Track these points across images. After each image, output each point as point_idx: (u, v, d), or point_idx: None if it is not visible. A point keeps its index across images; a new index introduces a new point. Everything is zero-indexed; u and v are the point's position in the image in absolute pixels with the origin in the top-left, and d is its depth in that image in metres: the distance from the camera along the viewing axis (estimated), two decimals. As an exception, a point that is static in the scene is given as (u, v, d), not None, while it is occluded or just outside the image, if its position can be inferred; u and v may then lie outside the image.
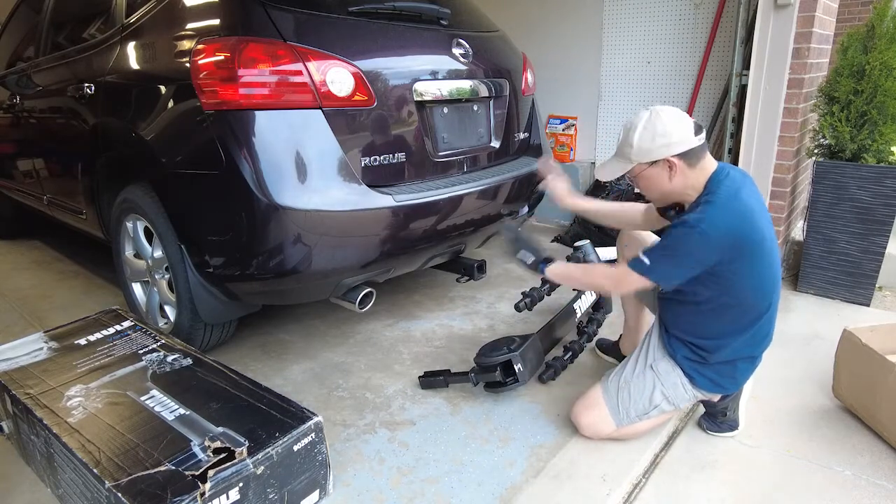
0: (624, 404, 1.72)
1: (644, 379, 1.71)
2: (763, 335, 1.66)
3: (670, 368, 1.69)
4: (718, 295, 1.56)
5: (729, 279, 1.52)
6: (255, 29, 1.79)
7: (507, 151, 2.52)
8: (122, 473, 1.31)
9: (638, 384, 1.71)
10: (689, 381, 1.68)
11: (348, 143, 1.88)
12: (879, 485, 1.61)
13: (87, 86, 2.37)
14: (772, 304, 1.62)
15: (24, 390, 1.66)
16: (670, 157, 1.49)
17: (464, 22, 2.40)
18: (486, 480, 1.64)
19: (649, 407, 1.70)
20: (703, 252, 1.46)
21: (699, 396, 1.73)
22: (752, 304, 1.59)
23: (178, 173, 1.96)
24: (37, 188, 3.22)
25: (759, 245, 1.51)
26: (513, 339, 1.98)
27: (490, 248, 3.49)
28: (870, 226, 2.65)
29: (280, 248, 1.82)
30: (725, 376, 1.68)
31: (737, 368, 1.68)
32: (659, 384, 1.69)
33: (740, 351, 1.65)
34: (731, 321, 1.61)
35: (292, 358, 2.35)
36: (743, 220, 1.48)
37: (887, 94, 2.54)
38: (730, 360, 1.66)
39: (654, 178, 1.55)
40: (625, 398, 1.71)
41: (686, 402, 1.73)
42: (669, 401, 1.71)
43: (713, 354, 1.64)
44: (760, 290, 1.58)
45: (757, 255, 1.51)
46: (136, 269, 2.43)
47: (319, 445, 1.52)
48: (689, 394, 1.70)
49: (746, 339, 1.63)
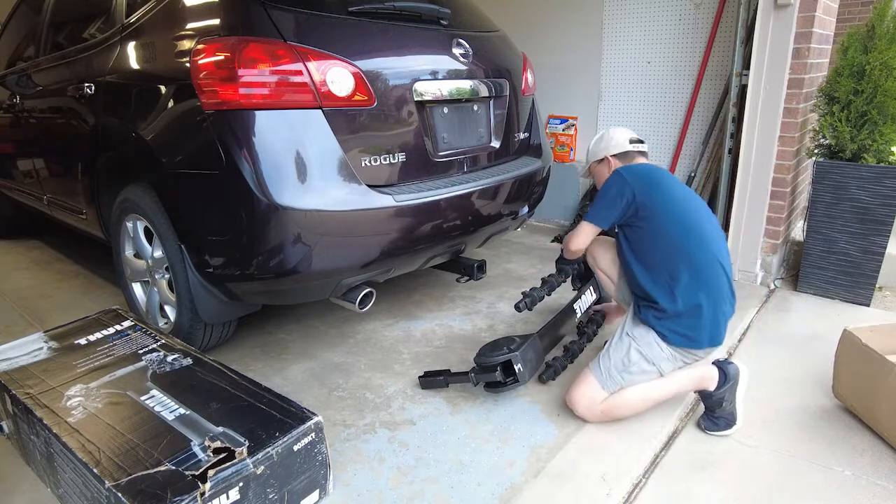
0: (605, 365, 1.85)
1: (621, 342, 1.86)
2: (709, 282, 1.77)
3: (644, 332, 1.83)
4: (648, 234, 1.84)
5: (650, 210, 1.82)
6: (255, 29, 1.79)
7: (508, 151, 2.52)
8: (122, 473, 1.31)
9: (616, 347, 1.86)
10: (663, 339, 1.80)
11: (348, 143, 1.88)
12: (879, 485, 1.61)
13: (87, 86, 2.37)
14: (703, 247, 1.80)
15: (25, 390, 1.66)
16: (608, 155, 2.06)
17: (464, 22, 2.40)
18: (486, 480, 1.64)
19: (628, 363, 1.82)
20: (621, 187, 1.85)
21: (677, 356, 1.82)
22: (678, 242, 1.79)
23: (178, 173, 1.96)
24: (37, 188, 3.22)
25: (667, 186, 1.88)
26: (513, 339, 1.98)
27: (490, 248, 3.49)
28: (869, 226, 2.65)
29: (280, 248, 1.82)
30: (691, 328, 1.78)
31: (699, 318, 1.77)
32: (634, 343, 1.83)
33: (690, 298, 1.76)
34: (667, 265, 1.79)
35: (292, 358, 2.35)
36: (650, 168, 1.95)
37: (887, 94, 2.54)
38: (687, 310, 1.77)
39: (599, 172, 2.13)
40: (605, 361, 1.86)
41: (666, 361, 1.82)
42: (647, 359, 1.81)
43: (668, 304, 1.78)
44: (682, 224, 1.81)
45: (667, 192, 1.86)
46: (136, 268, 2.43)
47: (319, 445, 1.52)
48: (666, 352, 1.80)
49: (690, 284, 1.76)
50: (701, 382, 1.83)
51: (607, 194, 1.88)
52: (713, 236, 1.84)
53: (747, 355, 2.33)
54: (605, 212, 1.90)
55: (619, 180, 1.87)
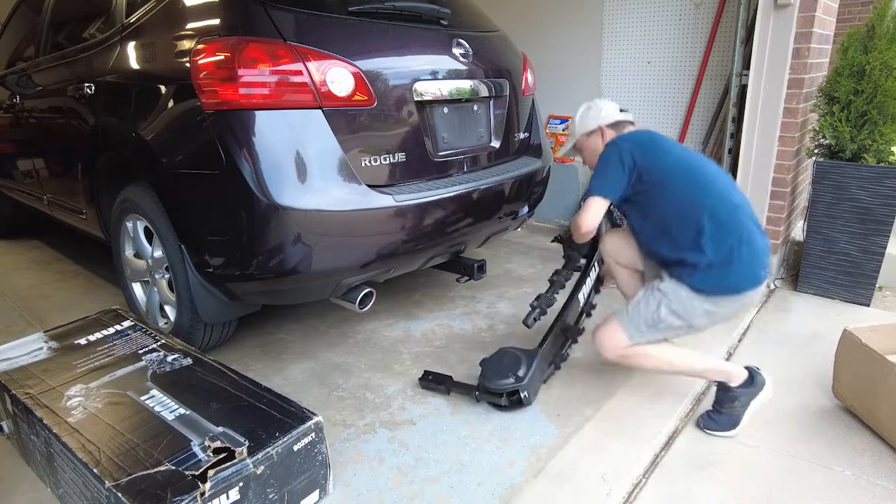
0: (633, 318, 1.81)
1: (651, 297, 1.80)
2: (732, 223, 1.72)
3: (676, 287, 1.77)
4: (658, 197, 1.79)
5: (654, 173, 1.78)
6: (255, 29, 1.79)
7: (507, 151, 2.52)
8: (122, 473, 1.31)
9: (646, 303, 1.80)
10: (699, 292, 1.73)
11: (348, 142, 1.88)
12: (879, 485, 1.61)
13: (87, 86, 2.37)
14: (716, 192, 1.75)
15: (25, 390, 1.66)
16: (601, 125, 1.99)
17: (464, 22, 2.40)
18: (486, 480, 1.64)
19: (657, 320, 1.77)
20: (620, 155, 1.81)
21: (717, 309, 1.75)
22: (690, 194, 1.75)
23: (178, 173, 1.96)
24: (37, 188, 3.22)
25: (663, 145, 1.85)
26: (517, 358, 1.94)
27: (490, 248, 3.49)
28: (870, 226, 2.65)
29: (280, 248, 1.82)
30: (728, 274, 1.71)
31: (733, 262, 1.70)
32: (665, 300, 1.77)
33: (720, 245, 1.70)
34: (686, 221, 1.74)
35: (292, 358, 2.35)
36: (641, 132, 1.92)
37: (887, 94, 2.54)
38: (720, 258, 1.70)
39: (591, 145, 2.03)
40: (634, 314, 1.81)
41: (699, 318, 1.76)
42: (678, 315, 1.76)
43: (699, 258, 1.71)
44: (688, 177, 1.78)
45: (665, 150, 1.83)
46: (136, 268, 2.43)
47: (319, 445, 1.52)
48: (700, 308, 1.74)
49: (715, 232, 1.70)
50: (727, 376, 1.82)
51: (609, 164, 1.84)
52: (721, 179, 1.81)
53: (747, 355, 2.33)
54: (611, 182, 1.83)
55: (617, 149, 1.84)
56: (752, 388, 1.81)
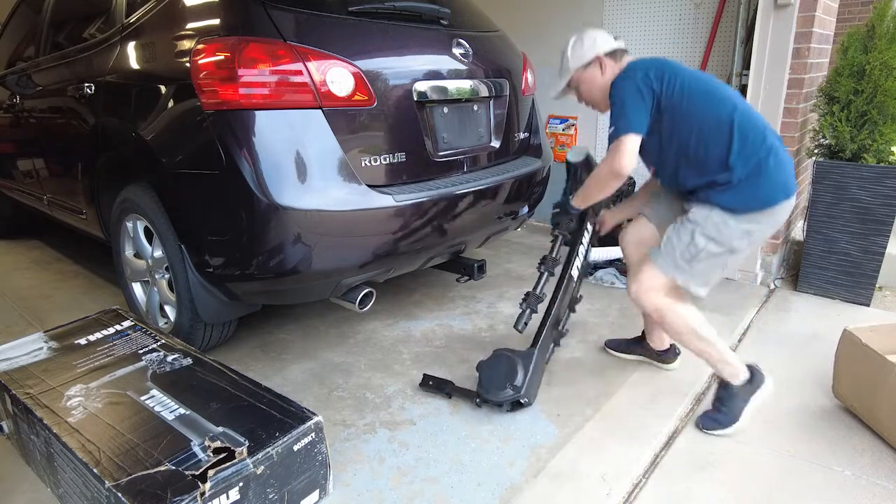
0: (669, 255, 1.76)
1: (683, 229, 1.75)
2: (756, 136, 1.67)
3: (707, 212, 1.71)
4: (679, 121, 1.70)
5: (673, 97, 1.70)
6: (255, 29, 1.79)
7: (508, 151, 2.52)
8: (122, 473, 1.31)
9: (679, 236, 1.76)
10: (732, 213, 1.69)
11: (348, 142, 1.88)
12: (879, 485, 1.61)
13: (87, 86, 2.37)
14: (735, 106, 1.69)
15: (25, 390, 1.66)
16: (599, 54, 1.83)
17: (464, 22, 2.40)
18: (486, 480, 1.64)
19: (695, 251, 1.72)
20: (637, 86, 1.70)
21: (753, 227, 1.70)
22: (713, 112, 1.69)
23: (178, 173, 1.96)
24: (37, 188, 3.22)
25: (675, 66, 1.75)
26: (513, 363, 1.90)
27: (490, 248, 3.49)
28: (870, 226, 2.65)
29: (280, 248, 1.82)
30: (760, 186, 1.67)
31: (762, 173, 1.66)
32: (698, 228, 1.71)
33: (748, 159, 1.65)
34: (711, 139, 1.68)
35: (292, 358, 2.35)
36: (651, 58, 1.80)
37: (887, 94, 2.54)
38: (748, 172, 1.66)
39: (590, 78, 1.87)
40: (669, 250, 1.77)
41: (738, 239, 1.71)
42: (716, 241, 1.70)
43: (728, 176, 1.67)
44: (707, 95, 1.71)
45: (678, 71, 1.73)
46: (136, 268, 2.43)
47: (319, 445, 1.52)
48: (736, 228, 1.69)
49: (741, 147, 1.66)
50: (733, 370, 1.81)
51: (628, 96, 1.71)
52: (737, 95, 1.76)
53: (747, 355, 2.32)
54: (638, 115, 1.70)
55: (631, 80, 1.72)
56: (752, 384, 1.82)
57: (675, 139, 1.73)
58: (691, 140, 1.70)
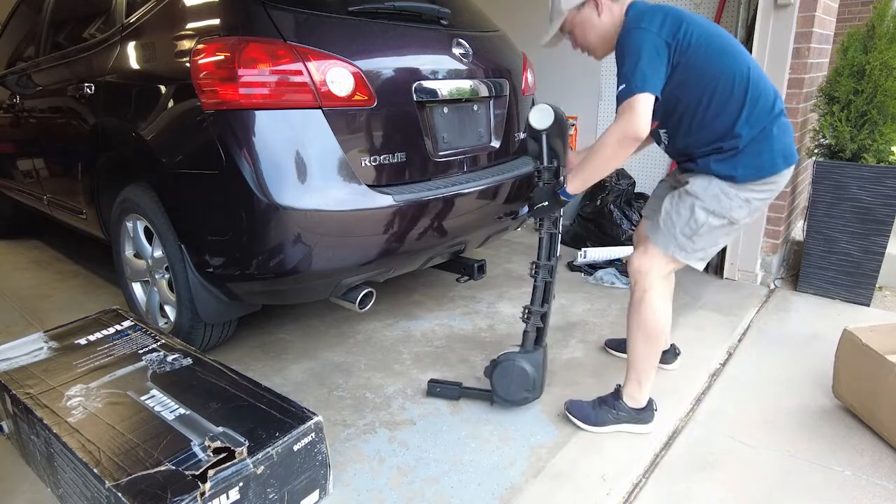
0: (668, 230, 1.70)
1: (682, 203, 1.68)
2: (764, 100, 1.60)
3: (705, 184, 1.64)
4: (692, 75, 1.58)
5: (688, 50, 1.56)
6: (255, 29, 1.79)
7: (507, 151, 2.52)
8: (122, 473, 1.31)
9: (677, 211, 1.69)
10: (732, 181, 1.62)
11: (348, 142, 1.88)
12: (879, 485, 1.61)
13: (87, 85, 2.37)
14: (749, 67, 1.60)
15: (25, 390, 1.66)
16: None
17: (464, 22, 2.40)
18: (486, 480, 1.64)
19: (696, 226, 1.66)
20: (654, 38, 1.54)
21: (753, 196, 1.64)
22: (729, 72, 1.58)
23: (178, 173, 1.96)
24: (37, 188, 3.22)
25: (689, 15, 1.60)
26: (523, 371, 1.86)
27: (490, 248, 3.49)
28: (870, 226, 2.65)
29: (280, 248, 1.82)
30: (762, 153, 1.60)
31: (767, 139, 1.60)
32: (698, 202, 1.65)
33: (756, 123, 1.59)
34: (723, 97, 1.59)
35: (292, 358, 2.35)
36: (663, 4, 1.62)
37: (887, 94, 2.54)
38: (753, 138, 1.59)
39: (586, 20, 1.72)
40: (667, 226, 1.70)
41: (738, 209, 1.64)
42: (716, 214, 1.65)
43: (732, 141, 1.60)
44: (727, 53, 1.60)
45: (692, 20, 1.59)
46: (136, 268, 2.43)
47: (319, 445, 1.52)
48: (736, 198, 1.63)
49: (751, 109, 1.58)
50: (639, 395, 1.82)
51: (645, 50, 1.52)
52: (747, 53, 1.65)
53: (747, 355, 2.33)
54: (654, 72, 1.52)
55: (645, 32, 1.54)
56: (637, 414, 1.82)
57: (685, 98, 1.61)
58: (702, 101, 1.59)
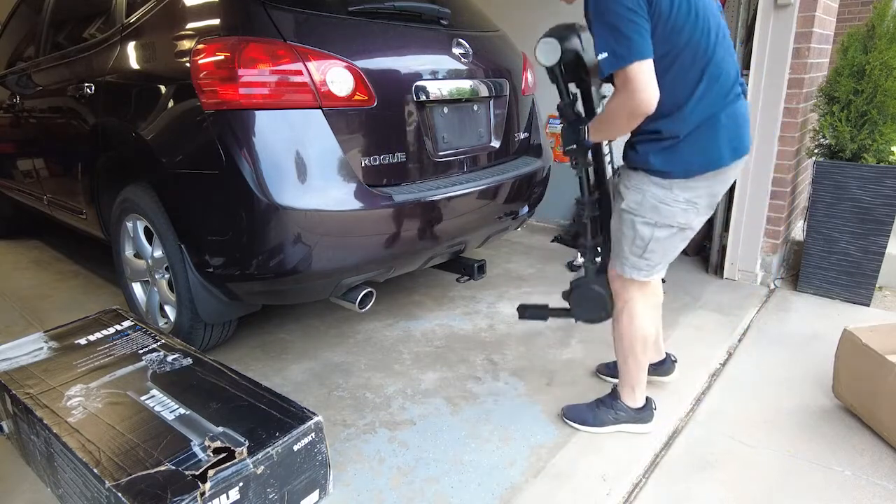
0: (618, 253, 1.66)
1: (622, 223, 1.61)
2: (727, 73, 1.49)
3: (639, 197, 1.55)
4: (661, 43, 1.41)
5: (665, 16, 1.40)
6: (255, 29, 1.79)
7: (507, 151, 2.52)
8: (122, 473, 1.31)
9: (617, 231, 1.64)
10: (668, 178, 1.51)
11: (348, 142, 1.88)
12: (879, 485, 1.61)
13: (87, 85, 2.37)
14: (717, 41, 1.47)
15: (25, 390, 1.66)
16: None
17: (464, 22, 2.40)
18: (486, 480, 1.64)
19: (643, 244, 1.58)
20: None
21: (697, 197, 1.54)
22: (695, 44, 1.44)
23: (179, 173, 1.96)
24: (37, 188, 3.22)
25: None
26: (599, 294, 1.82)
27: (490, 248, 3.49)
28: (870, 226, 2.65)
29: (280, 248, 1.82)
30: (708, 143, 1.48)
31: (715, 128, 1.48)
32: (637, 218, 1.57)
33: (706, 108, 1.47)
34: (688, 69, 1.45)
35: (292, 358, 2.35)
36: None
37: (887, 94, 2.54)
38: (704, 124, 1.47)
39: None
40: (617, 250, 1.67)
41: (683, 212, 1.54)
42: (660, 225, 1.56)
43: (684, 124, 1.47)
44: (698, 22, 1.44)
45: None
46: (136, 268, 2.43)
47: (319, 445, 1.52)
48: (677, 204, 1.53)
49: (707, 91, 1.46)
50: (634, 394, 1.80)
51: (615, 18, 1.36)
52: (721, 24, 1.51)
53: (747, 355, 2.33)
54: (639, 35, 1.36)
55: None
56: (636, 413, 1.81)
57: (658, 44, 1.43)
58: (657, 70, 1.40)
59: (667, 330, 2.51)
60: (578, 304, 1.91)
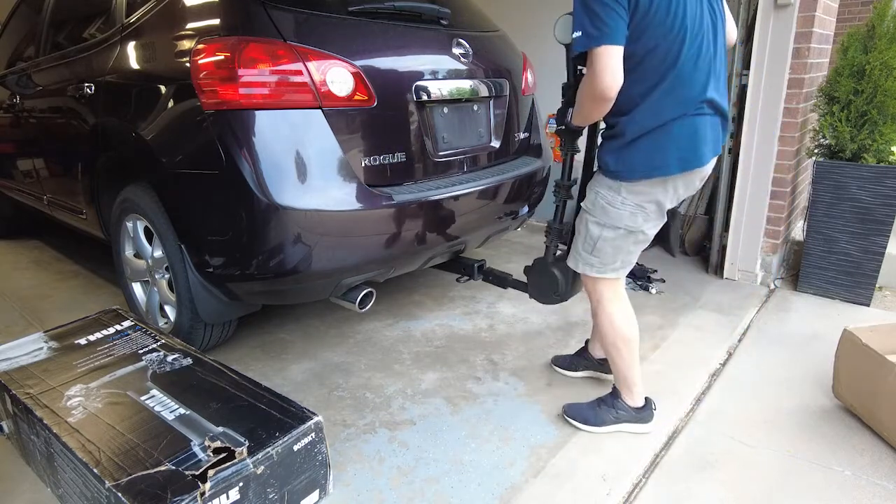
0: (574, 250, 1.75)
1: (580, 221, 1.72)
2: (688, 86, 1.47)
3: (593, 196, 1.62)
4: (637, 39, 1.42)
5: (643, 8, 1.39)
6: (255, 29, 1.79)
7: (507, 151, 2.52)
8: (122, 473, 1.31)
9: (578, 226, 1.73)
10: (617, 178, 1.54)
11: (348, 142, 1.88)
12: (879, 485, 1.61)
13: (87, 85, 2.37)
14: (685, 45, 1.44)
15: (25, 390, 1.66)
16: None
17: (464, 22, 2.40)
18: (486, 480, 1.64)
19: (592, 242, 1.66)
20: None
21: (647, 204, 1.57)
22: (665, 50, 1.43)
23: (178, 173, 1.96)
24: (37, 188, 3.22)
25: None
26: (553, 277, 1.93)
27: (490, 248, 3.49)
28: (870, 226, 2.65)
29: (280, 248, 1.82)
30: (656, 151, 1.49)
31: (667, 138, 1.48)
32: (590, 217, 1.66)
33: (669, 109, 1.46)
34: (646, 75, 1.45)
35: (292, 358, 2.35)
36: None
37: (887, 94, 2.54)
38: (655, 131, 1.47)
39: None
40: (574, 244, 1.75)
41: (630, 218, 1.58)
42: (608, 226, 1.61)
43: (633, 126, 1.48)
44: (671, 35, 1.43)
45: None
46: (136, 268, 2.43)
47: (319, 445, 1.52)
48: (625, 207, 1.57)
49: (667, 93, 1.46)
50: (632, 392, 1.79)
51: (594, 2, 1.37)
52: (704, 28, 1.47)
53: (747, 355, 2.33)
54: (613, 21, 1.37)
55: None
56: (637, 413, 1.81)
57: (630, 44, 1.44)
58: (635, 56, 1.42)
59: (667, 330, 2.52)
60: (533, 283, 2.05)
